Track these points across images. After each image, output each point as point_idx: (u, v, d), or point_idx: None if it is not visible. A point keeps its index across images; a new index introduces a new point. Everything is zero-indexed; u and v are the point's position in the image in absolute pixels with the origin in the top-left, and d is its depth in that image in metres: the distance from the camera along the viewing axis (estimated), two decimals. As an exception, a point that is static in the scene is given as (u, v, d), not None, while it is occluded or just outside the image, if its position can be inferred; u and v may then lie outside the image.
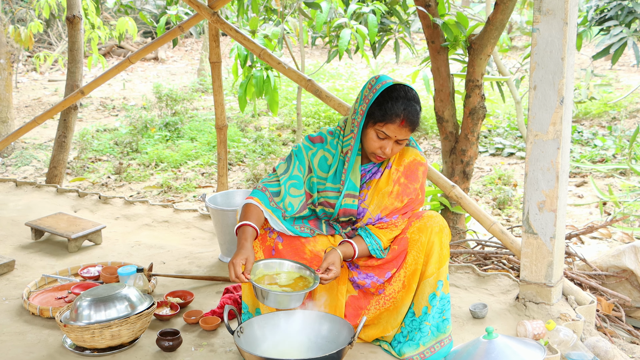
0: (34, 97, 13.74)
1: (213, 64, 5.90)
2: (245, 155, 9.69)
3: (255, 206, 3.46)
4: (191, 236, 5.58)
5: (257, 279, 3.31)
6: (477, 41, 5.16)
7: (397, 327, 3.53)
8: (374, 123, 3.38)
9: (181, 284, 4.56)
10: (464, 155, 5.40)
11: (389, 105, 3.32)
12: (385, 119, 3.33)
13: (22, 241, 5.43)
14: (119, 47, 17.62)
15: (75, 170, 9.19)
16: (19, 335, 3.88)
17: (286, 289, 3.31)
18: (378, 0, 6.32)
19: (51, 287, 4.43)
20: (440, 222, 3.47)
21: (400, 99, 3.33)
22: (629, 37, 5.94)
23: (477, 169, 8.86)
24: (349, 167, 3.50)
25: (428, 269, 3.43)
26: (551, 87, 3.66)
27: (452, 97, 5.44)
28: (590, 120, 10.71)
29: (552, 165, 3.74)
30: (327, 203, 3.56)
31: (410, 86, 3.40)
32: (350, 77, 14.19)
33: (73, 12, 7.10)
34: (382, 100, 3.35)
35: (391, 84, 3.37)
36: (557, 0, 3.57)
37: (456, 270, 4.57)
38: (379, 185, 3.53)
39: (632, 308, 4.46)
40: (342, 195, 3.51)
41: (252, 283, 3.21)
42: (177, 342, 3.66)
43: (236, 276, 3.19)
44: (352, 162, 3.51)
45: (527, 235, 3.90)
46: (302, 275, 3.40)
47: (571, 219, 7.01)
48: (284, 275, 3.40)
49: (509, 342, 3.20)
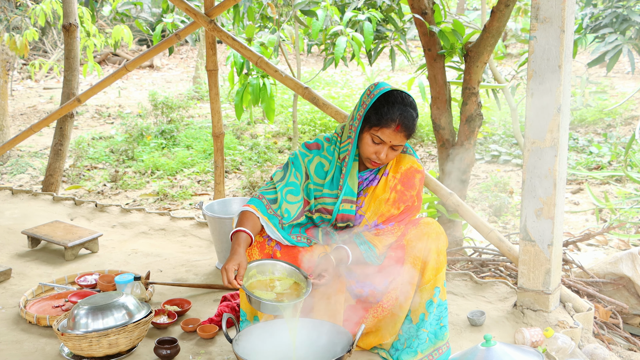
0: (30, 105, 13.72)
1: (210, 71, 5.90)
2: (241, 162, 9.69)
3: (251, 213, 3.47)
4: (188, 244, 5.58)
5: (250, 284, 3.31)
6: (474, 49, 5.16)
7: (394, 335, 3.53)
8: (370, 127, 3.39)
9: (178, 292, 4.56)
10: (461, 163, 5.40)
11: (384, 110, 3.34)
12: (381, 123, 3.35)
13: (18, 249, 5.42)
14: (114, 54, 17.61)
15: (71, 178, 9.17)
16: (16, 344, 3.87)
17: (283, 292, 3.31)
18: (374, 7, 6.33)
19: (48, 296, 4.43)
20: (437, 229, 3.47)
21: (396, 104, 3.35)
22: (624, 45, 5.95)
23: (474, 176, 8.87)
24: (347, 172, 3.51)
25: (425, 276, 3.43)
26: (548, 95, 3.67)
27: (448, 105, 5.44)
28: (585, 128, 10.73)
29: (549, 172, 3.75)
30: (324, 210, 3.56)
31: (408, 93, 3.42)
32: (346, 85, 14.20)
33: (69, 20, 7.10)
34: (378, 105, 3.36)
35: (389, 89, 3.39)
36: (554, 8, 3.59)
37: (454, 277, 4.58)
38: (376, 192, 3.53)
39: (630, 315, 4.47)
40: (340, 200, 3.51)
41: (245, 290, 3.22)
42: (174, 350, 3.66)
43: (229, 282, 3.19)
44: (349, 167, 3.51)
45: (525, 242, 3.90)
46: (297, 281, 3.40)
47: (567, 226, 7.02)
48: (278, 282, 3.39)
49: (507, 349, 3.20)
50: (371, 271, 3.52)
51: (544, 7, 3.62)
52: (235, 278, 3.19)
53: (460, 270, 4.83)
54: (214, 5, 5.60)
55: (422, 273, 3.44)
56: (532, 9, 3.67)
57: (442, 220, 5.46)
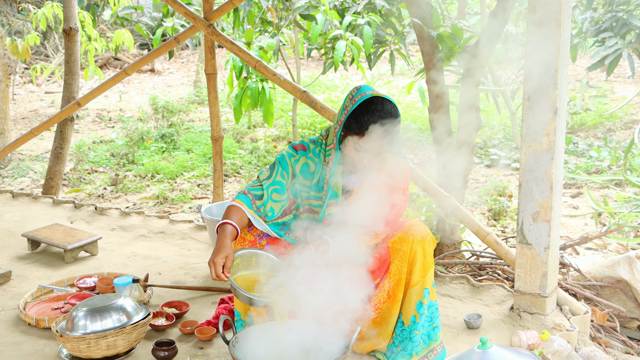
0: (31, 109, 13.74)
1: (209, 75, 5.92)
2: (241, 166, 9.70)
3: (237, 207, 3.48)
4: (187, 247, 5.59)
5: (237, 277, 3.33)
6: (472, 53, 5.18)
7: (388, 338, 3.52)
8: (352, 135, 3.38)
9: (177, 294, 4.57)
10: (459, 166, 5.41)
11: (364, 119, 3.32)
12: (362, 131, 3.34)
13: (18, 252, 5.43)
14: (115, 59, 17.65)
15: (71, 181, 9.19)
16: (15, 346, 3.89)
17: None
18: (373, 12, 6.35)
19: (47, 298, 4.44)
20: (422, 231, 3.46)
21: (376, 112, 3.32)
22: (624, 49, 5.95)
23: (473, 180, 8.88)
24: (331, 176, 3.51)
25: (413, 278, 3.43)
26: (545, 98, 3.68)
27: (447, 108, 5.45)
28: (585, 132, 10.74)
29: (546, 176, 3.76)
30: (311, 210, 3.58)
31: (389, 98, 3.39)
32: (346, 89, 14.22)
33: (70, 25, 7.13)
34: (359, 112, 3.34)
35: (369, 96, 3.37)
36: (551, 12, 3.59)
37: (451, 280, 4.59)
38: (361, 194, 3.52)
39: (627, 318, 4.47)
40: (325, 205, 3.52)
41: (232, 284, 3.24)
42: (172, 352, 3.67)
43: (217, 275, 3.20)
44: (333, 171, 3.51)
45: (522, 245, 3.91)
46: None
47: (566, 229, 7.03)
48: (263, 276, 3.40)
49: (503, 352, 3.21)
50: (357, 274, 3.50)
51: (540, 10, 3.63)
52: (222, 271, 3.20)
53: (458, 274, 4.84)
54: (212, 9, 5.61)
55: (410, 275, 3.43)
56: (529, 12, 3.68)
57: (440, 223, 5.48)
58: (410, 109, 11.99)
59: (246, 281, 3.37)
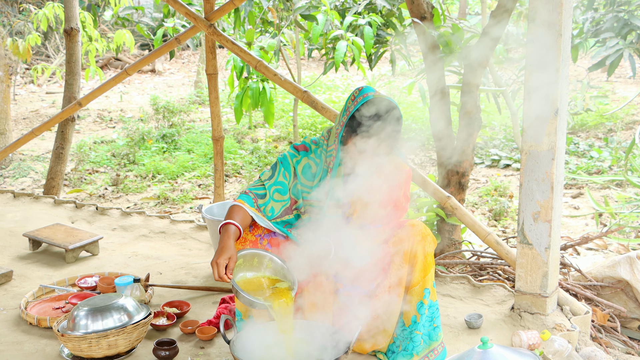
0: (32, 109, 13.75)
1: (209, 75, 5.92)
2: (241, 166, 9.71)
3: (240, 207, 3.47)
4: (188, 247, 5.60)
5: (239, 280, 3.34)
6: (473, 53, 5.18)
7: (389, 338, 3.53)
8: (353, 136, 3.39)
9: (178, 294, 4.57)
10: (460, 167, 5.41)
11: (366, 120, 3.33)
12: (363, 133, 3.35)
13: (19, 252, 5.44)
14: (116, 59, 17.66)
15: (72, 181, 9.20)
16: (16, 345, 3.89)
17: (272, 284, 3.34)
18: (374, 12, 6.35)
19: (49, 298, 4.44)
20: (423, 231, 3.45)
21: (378, 113, 3.33)
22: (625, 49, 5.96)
23: (474, 180, 8.88)
24: (332, 177, 3.52)
25: (413, 278, 3.43)
26: (545, 99, 3.67)
27: (447, 109, 5.45)
28: (586, 132, 10.74)
29: (546, 176, 3.76)
30: (312, 210, 3.58)
31: (391, 99, 3.39)
32: (347, 89, 14.22)
33: (71, 25, 7.13)
34: (361, 114, 3.35)
35: (371, 97, 3.37)
36: (551, 12, 3.59)
37: (452, 280, 4.59)
38: (362, 195, 3.52)
39: (628, 319, 4.47)
40: (326, 206, 3.52)
41: (233, 285, 3.24)
42: (173, 351, 3.67)
43: (219, 276, 3.20)
44: (334, 173, 3.52)
45: (522, 245, 3.91)
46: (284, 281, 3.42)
47: (567, 230, 7.03)
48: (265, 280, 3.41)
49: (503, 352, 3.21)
50: (358, 273, 3.51)
51: (541, 11, 3.62)
52: (225, 272, 3.21)
53: (459, 274, 4.84)
54: (213, 9, 5.62)
55: (410, 275, 3.43)
56: (530, 12, 3.68)
57: (440, 223, 5.48)
58: (411, 109, 11.99)
59: (247, 283, 3.37)
